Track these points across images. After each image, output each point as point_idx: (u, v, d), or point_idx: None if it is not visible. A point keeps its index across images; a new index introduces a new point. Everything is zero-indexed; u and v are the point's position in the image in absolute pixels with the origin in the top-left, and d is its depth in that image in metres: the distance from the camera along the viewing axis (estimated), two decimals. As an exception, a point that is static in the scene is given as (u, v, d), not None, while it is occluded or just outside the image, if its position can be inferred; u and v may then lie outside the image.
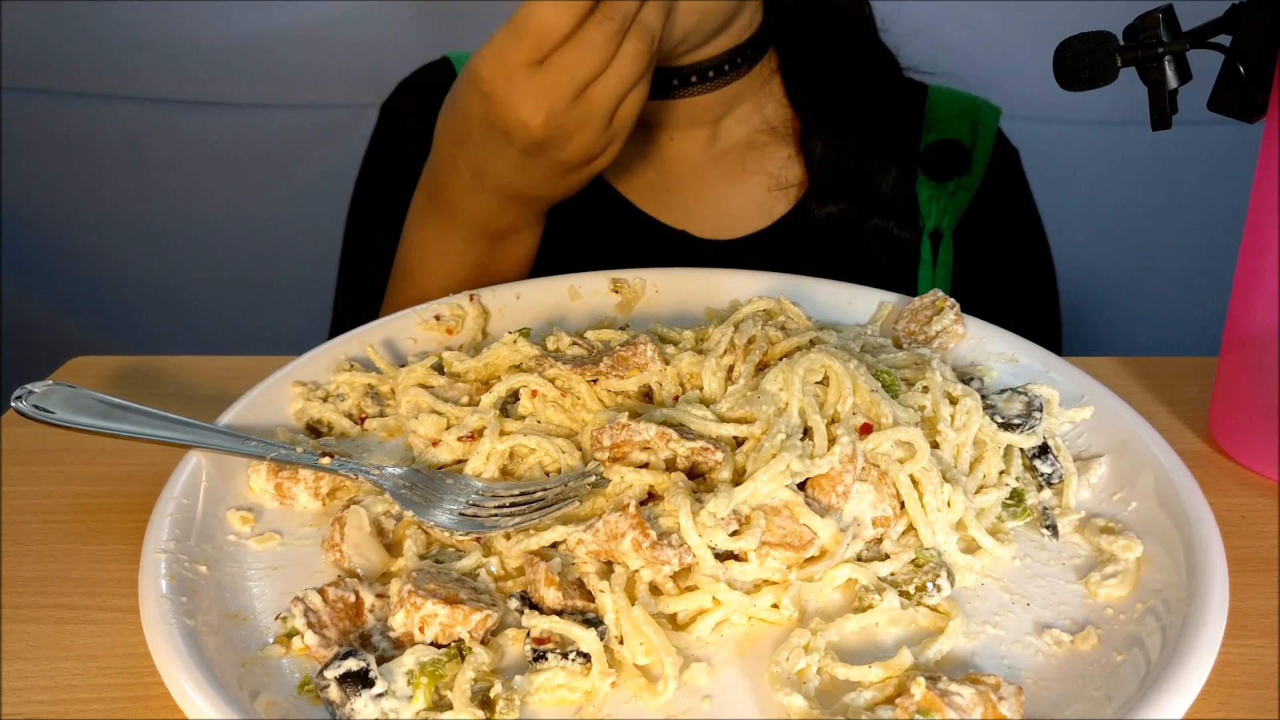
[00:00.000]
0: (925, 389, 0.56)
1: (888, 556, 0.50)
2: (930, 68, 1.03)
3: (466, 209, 0.81)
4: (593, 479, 0.53)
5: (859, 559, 0.50)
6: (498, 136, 0.74)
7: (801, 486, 0.50)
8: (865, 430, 0.52)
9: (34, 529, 0.56)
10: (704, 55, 0.91)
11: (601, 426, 0.53)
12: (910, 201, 0.98)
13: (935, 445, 0.54)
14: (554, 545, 0.50)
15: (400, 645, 0.46)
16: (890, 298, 0.71)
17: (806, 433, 0.52)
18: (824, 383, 0.55)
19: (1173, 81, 0.59)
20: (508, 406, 0.60)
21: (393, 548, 0.53)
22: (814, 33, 0.99)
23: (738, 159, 0.98)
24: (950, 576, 0.49)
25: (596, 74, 0.71)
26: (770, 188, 0.97)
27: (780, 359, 0.58)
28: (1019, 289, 1.01)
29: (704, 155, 0.98)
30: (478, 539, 0.52)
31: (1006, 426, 0.56)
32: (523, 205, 0.81)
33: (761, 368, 0.58)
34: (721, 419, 0.54)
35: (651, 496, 0.52)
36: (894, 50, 1.02)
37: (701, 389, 0.58)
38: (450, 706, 0.43)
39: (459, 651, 0.45)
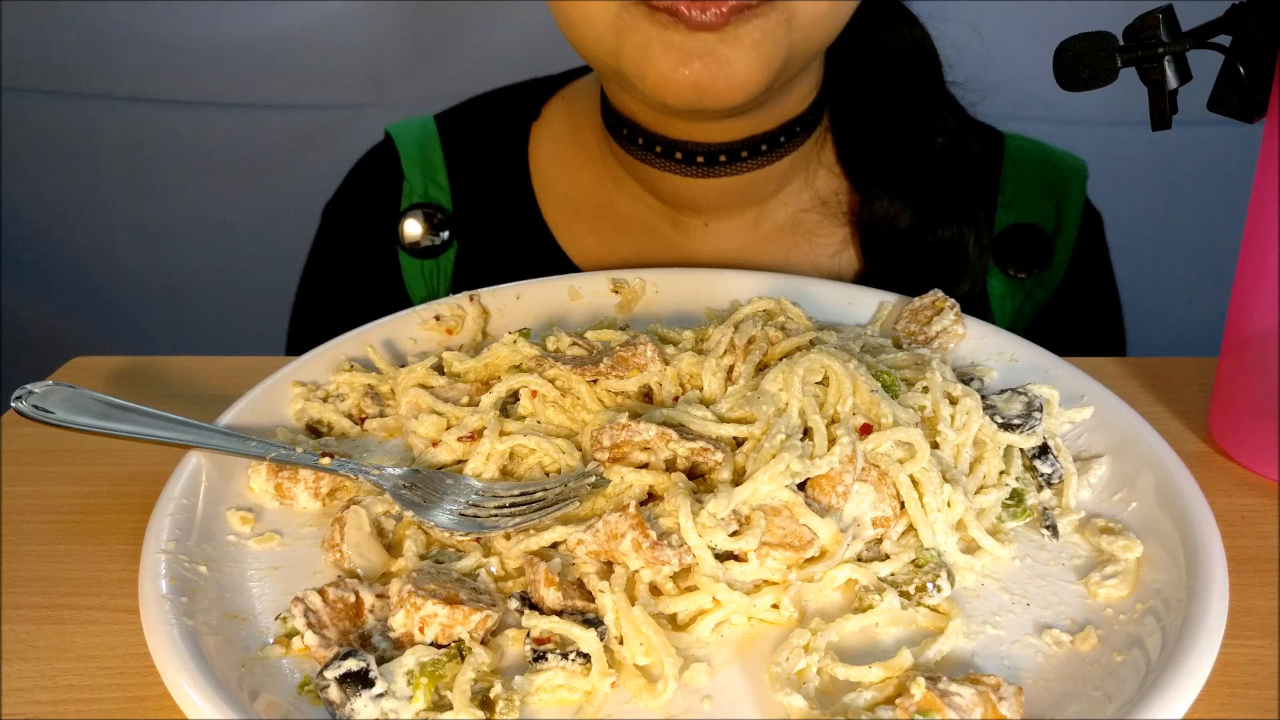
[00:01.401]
0: (925, 389, 0.56)
1: (888, 557, 0.50)
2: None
3: None
4: (593, 479, 0.53)
5: (859, 559, 0.50)
6: None
7: (801, 487, 0.50)
8: (865, 430, 0.52)
9: (34, 529, 0.56)
10: (759, 128, 0.78)
11: (601, 427, 0.53)
12: (982, 295, 0.85)
13: (935, 445, 0.54)
14: (554, 545, 0.50)
15: (400, 645, 0.46)
16: (890, 298, 0.71)
17: (806, 433, 0.52)
18: (824, 383, 0.55)
19: (1173, 81, 0.59)
20: (508, 407, 0.60)
21: (393, 548, 0.53)
22: (875, 84, 0.84)
23: (782, 248, 0.84)
24: (950, 577, 0.49)
25: None
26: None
27: (780, 359, 0.58)
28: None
29: (743, 243, 0.84)
30: (478, 539, 0.52)
31: (1006, 426, 0.56)
32: None
33: (761, 368, 0.58)
34: (721, 419, 0.54)
35: (651, 497, 0.52)
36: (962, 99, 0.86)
37: (701, 389, 0.58)
38: (450, 707, 0.43)
39: (459, 652, 0.45)
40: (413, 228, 0.91)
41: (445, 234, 0.90)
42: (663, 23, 0.67)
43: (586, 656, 0.45)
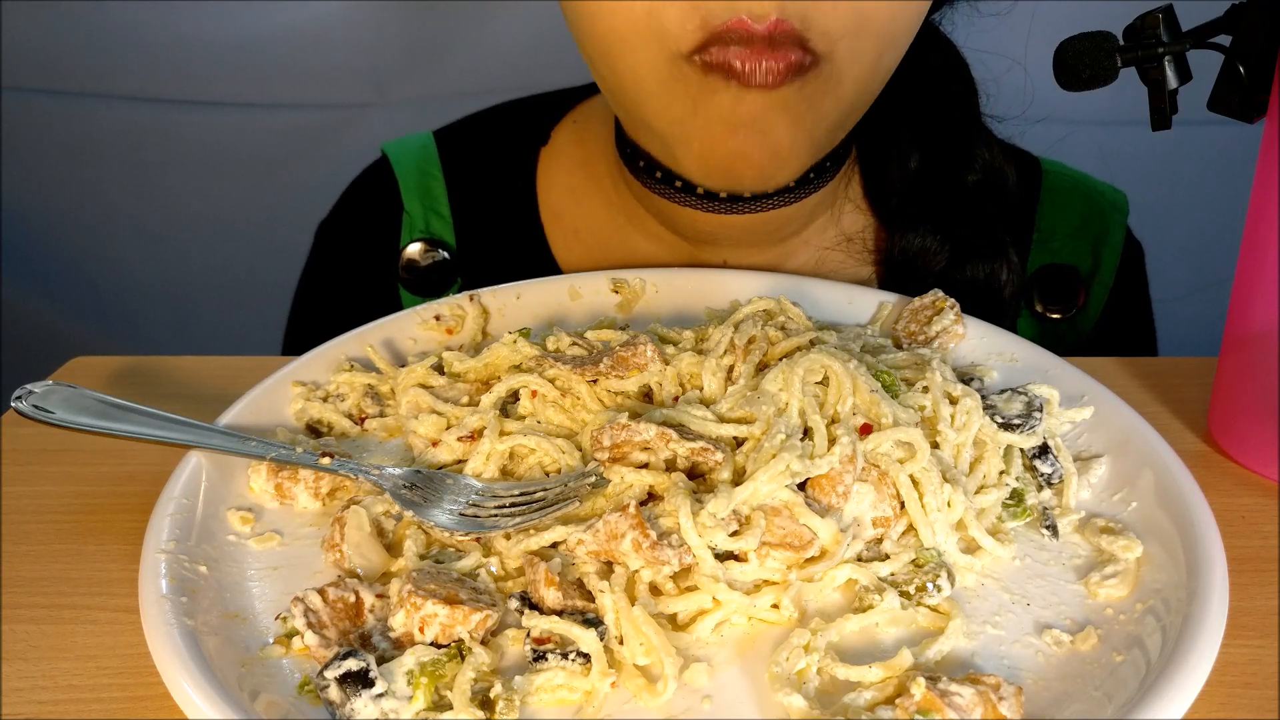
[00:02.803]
0: (925, 389, 0.56)
1: (888, 557, 0.50)
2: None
3: None
4: (593, 479, 0.53)
5: (859, 559, 0.50)
6: None
7: (801, 487, 0.50)
8: (865, 430, 0.52)
9: (34, 529, 0.56)
10: None
11: (601, 427, 0.53)
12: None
13: (935, 445, 0.54)
14: (554, 545, 0.50)
15: (400, 645, 0.46)
16: (890, 298, 0.71)
17: (806, 433, 0.52)
18: (824, 383, 0.55)
19: (1173, 81, 0.59)
20: (508, 407, 0.60)
21: (393, 548, 0.53)
22: (907, 115, 0.79)
23: None
24: (950, 577, 0.49)
25: None
26: None
27: (780, 359, 0.58)
28: None
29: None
30: (478, 539, 0.52)
31: (1006, 426, 0.56)
32: None
33: (761, 368, 0.58)
34: (721, 419, 0.54)
35: (651, 497, 0.52)
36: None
37: (701, 389, 0.58)
38: (450, 706, 0.43)
39: (459, 652, 0.45)
40: (413, 262, 0.87)
41: (447, 269, 0.87)
42: (714, 86, 0.63)
43: (586, 656, 0.45)
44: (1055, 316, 0.83)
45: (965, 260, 0.78)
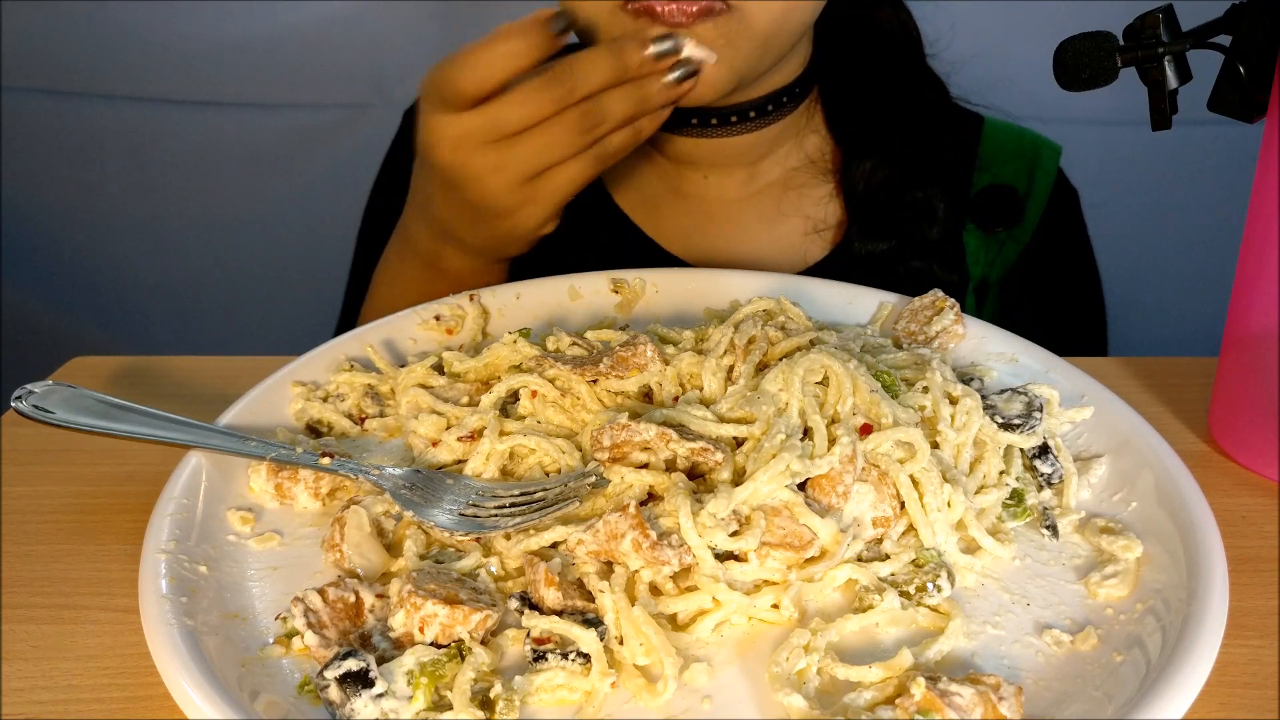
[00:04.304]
0: (925, 389, 0.56)
1: (888, 557, 0.50)
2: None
3: (413, 235, 0.81)
4: (593, 479, 0.53)
5: (859, 559, 0.50)
6: (422, 159, 0.75)
7: (801, 487, 0.50)
8: (865, 430, 0.52)
9: (34, 529, 0.56)
10: (749, 95, 0.86)
11: (601, 427, 0.53)
12: (957, 247, 0.92)
13: (935, 445, 0.54)
14: (554, 545, 0.50)
15: (400, 645, 0.46)
16: (890, 298, 0.71)
17: (806, 433, 0.52)
18: (824, 383, 0.55)
19: (1173, 81, 0.59)
20: (508, 407, 0.60)
21: (393, 548, 0.53)
22: (861, 59, 0.93)
23: (774, 200, 0.92)
24: (950, 577, 0.49)
25: (522, 128, 0.69)
26: (807, 230, 0.91)
27: (780, 359, 0.58)
28: (1067, 338, 0.85)
29: (739, 196, 0.93)
30: (478, 539, 0.52)
31: (1006, 426, 0.56)
32: (456, 245, 0.78)
33: (761, 368, 0.58)
34: (721, 419, 0.54)
35: (651, 497, 0.52)
36: (945, 77, 0.96)
37: (701, 389, 0.58)
38: (450, 707, 0.43)
39: (459, 652, 0.45)
40: None
41: None
42: (643, 26, 0.74)
43: (586, 656, 0.45)
44: (997, 231, 0.94)
45: (911, 182, 0.91)
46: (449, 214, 0.76)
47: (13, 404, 0.57)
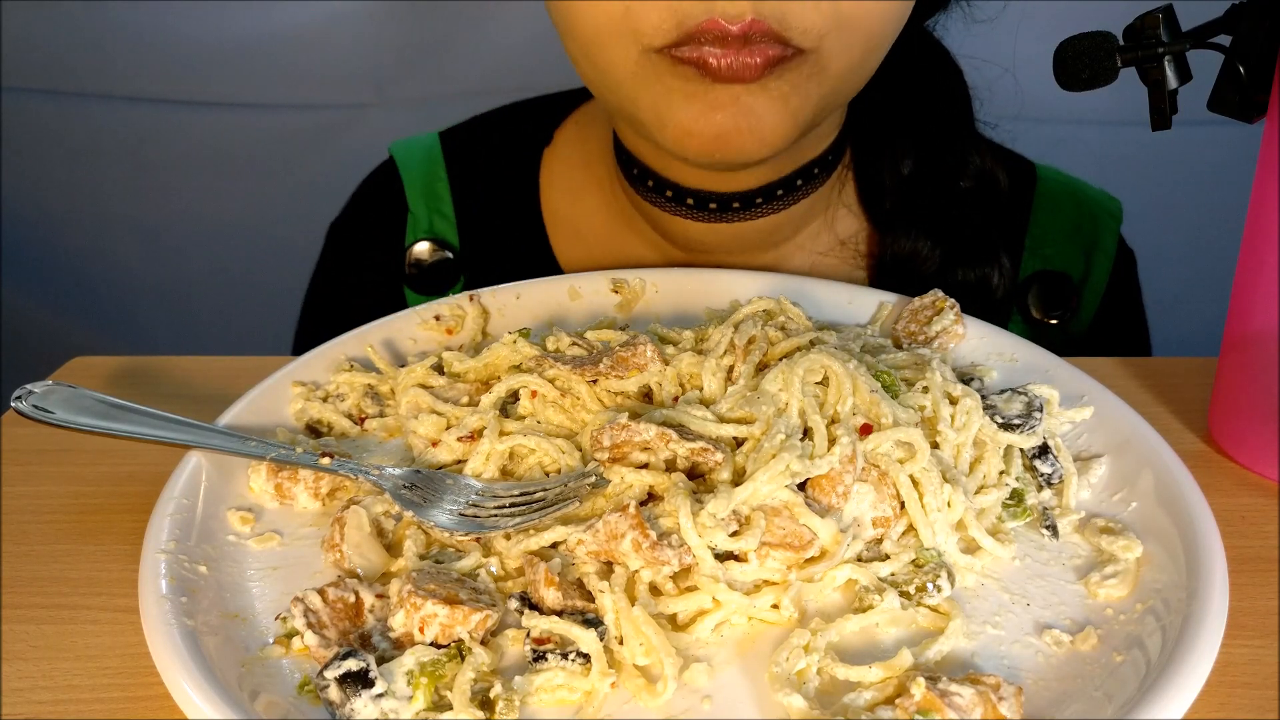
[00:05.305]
0: (925, 389, 0.56)
1: (888, 557, 0.50)
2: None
3: None
4: (593, 479, 0.53)
5: (859, 559, 0.50)
6: None
7: (801, 487, 0.50)
8: (865, 430, 0.52)
9: (34, 529, 0.56)
10: (776, 174, 0.73)
11: (601, 427, 0.53)
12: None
13: (935, 445, 0.54)
14: (554, 545, 0.50)
15: (400, 645, 0.46)
16: (890, 298, 0.71)
17: (806, 433, 0.52)
18: (824, 383, 0.55)
19: (1173, 81, 0.59)
20: (507, 407, 0.60)
21: (393, 548, 0.53)
22: (903, 123, 0.79)
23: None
24: (950, 577, 0.49)
25: None
26: None
27: (780, 359, 0.58)
28: None
29: None
30: (478, 539, 0.52)
31: (1006, 426, 0.56)
32: None
33: (761, 368, 0.58)
34: (721, 419, 0.54)
35: (651, 497, 0.52)
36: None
37: (701, 389, 0.58)
38: (450, 707, 0.43)
39: (459, 652, 0.45)
40: (417, 262, 0.88)
41: (450, 269, 0.88)
42: (686, 75, 0.63)
43: (586, 656, 0.45)
44: (1049, 322, 0.84)
45: (956, 264, 0.78)
46: None
47: (13, 404, 0.57)
